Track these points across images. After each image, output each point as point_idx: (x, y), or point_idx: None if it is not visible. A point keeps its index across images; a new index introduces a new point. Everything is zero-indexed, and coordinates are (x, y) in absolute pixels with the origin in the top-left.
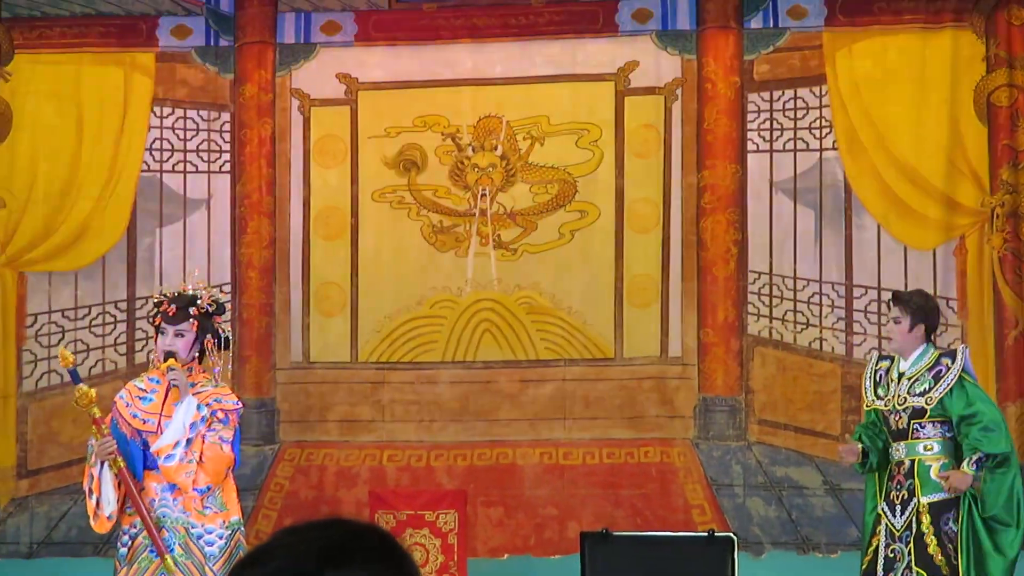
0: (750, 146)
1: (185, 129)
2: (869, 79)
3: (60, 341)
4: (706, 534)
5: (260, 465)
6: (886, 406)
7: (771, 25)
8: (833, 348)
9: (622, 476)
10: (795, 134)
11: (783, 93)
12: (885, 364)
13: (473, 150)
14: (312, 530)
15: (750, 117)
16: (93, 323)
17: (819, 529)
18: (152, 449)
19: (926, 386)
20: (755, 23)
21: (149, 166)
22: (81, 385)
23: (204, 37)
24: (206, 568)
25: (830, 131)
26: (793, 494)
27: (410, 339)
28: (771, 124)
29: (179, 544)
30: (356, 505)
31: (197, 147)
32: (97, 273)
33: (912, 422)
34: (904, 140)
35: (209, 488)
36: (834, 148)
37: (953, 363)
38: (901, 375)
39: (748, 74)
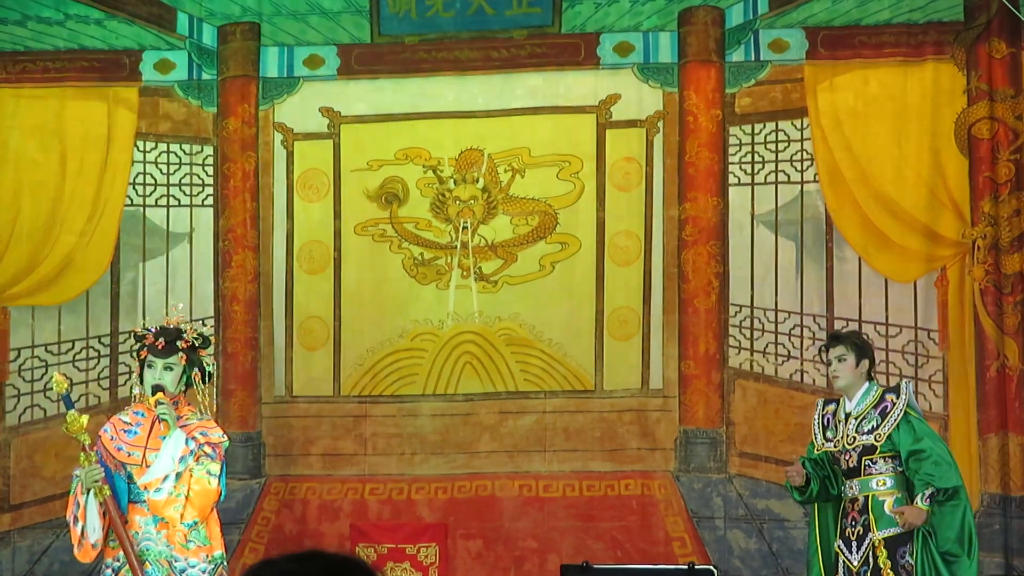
0: (731, 179)
1: (168, 163)
2: (850, 112)
3: (43, 376)
4: (687, 567)
5: (246, 499)
6: (836, 447)
7: (753, 58)
8: (814, 380)
9: (602, 509)
10: (776, 167)
11: (764, 126)
12: (831, 408)
13: (454, 182)
14: (290, 563)
15: (731, 150)
16: (76, 357)
17: (800, 561)
18: (140, 482)
19: (874, 423)
20: (737, 56)
21: (132, 200)
22: (72, 411)
23: (187, 71)
24: None
25: (811, 164)
26: (774, 526)
27: (392, 372)
28: (752, 157)
29: None
30: (338, 538)
31: (180, 181)
32: (80, 307)
33: (863, 459)
34: (885, 172)
35: (195, 522)
36: (815, 181)
37: (898, 399)
38: (848, 415)
39: (730, 107)
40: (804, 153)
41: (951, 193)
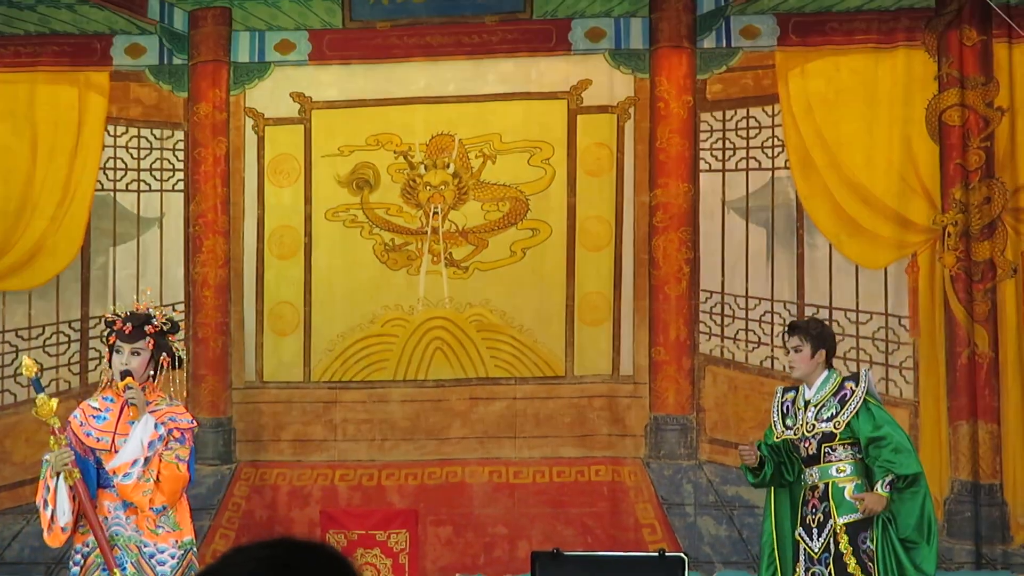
0: (702, 165)
1: (139, 148)
2: (821, 98)
3: (13, 361)
4: (657, 554)
5: (217, 484)
6: (795, 435)
7: (724, 45)
8: (784, 367)
9: (572, 495)
10: (747, 153)
11: (736, 112)
12: (791, 395)
13: (425, 168)
14: (261, 549)
15: (703, 136)
16: (47, 342)
17: None
18: (108, 467)
19: (833, 410)
20: (708, 43)
21: (103, 185)
22: (42, 395)
23: (158, 56)
24: None
25: (782, 150)
26: (744, 513)
27: (362, 358)
28: (723, 143)
29: (131, 563)
30: (308, 524)
31: (151, 166)
32: (51, 292)
33: (823, 446)
34: (856, 159)
35: (165, 507)
36: (786, 167)
37: (857, 386)
38: (807, 403)
39: (701, 93)
40: (775, 140)
41: (922, 180)
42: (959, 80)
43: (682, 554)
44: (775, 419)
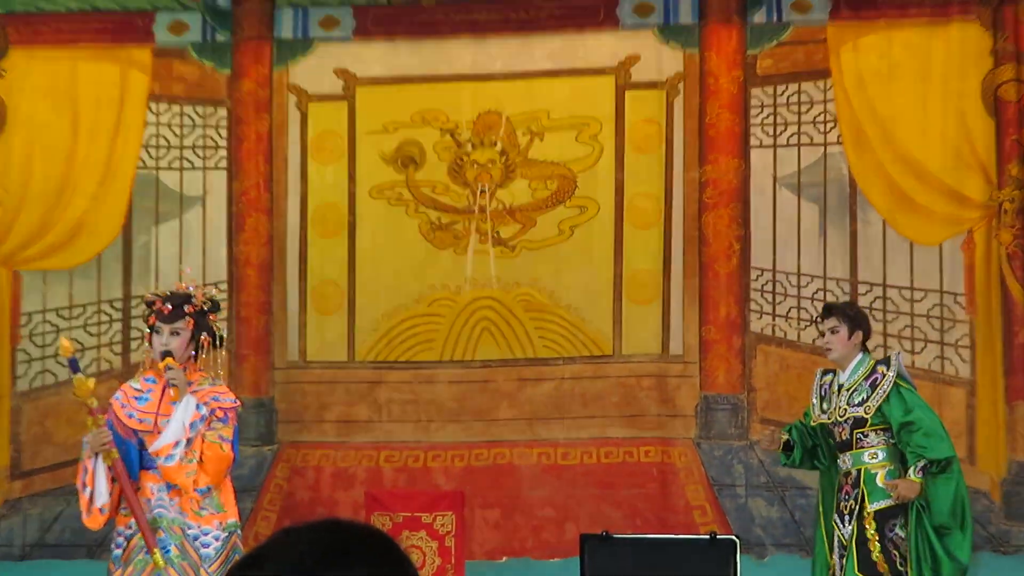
0: (753, 141)
1: (182, 125)
2: (874, 73)
3: (54, 341)
4: (708, 536)
5: (259, 466)
6: (829, 419)
7: (775, 19)
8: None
9: (621, 476)
10: (799, 129)
11: (787, 87)
12: (829, 378)
13: (472, 146)
14: (309, 532)
15: (753, 112)
16: (88, 322)
17: None
18: (151, 449)
19: (864, 395)
20: (758, 17)
21: (145, 163)
22: (79, 375)
23: (201, 33)
24: (201, 570)
25: (834, 125)
26: (796, 494)
27: (408, 338)
28: (775, 119)
29: (175, 545)
30: (352, 507)
31: (193, 144)
32: (92, 271)
33: (855, 432)
34: (910, 134)
35: (209, 489)
36: (839, 143)
37: (888, 370)
38: (840, 387)
39: (751, 68)
40: (827, 115)
41: (978, 155)
42: (1015, 55)
43: (733, 537)
44: (814, 402)
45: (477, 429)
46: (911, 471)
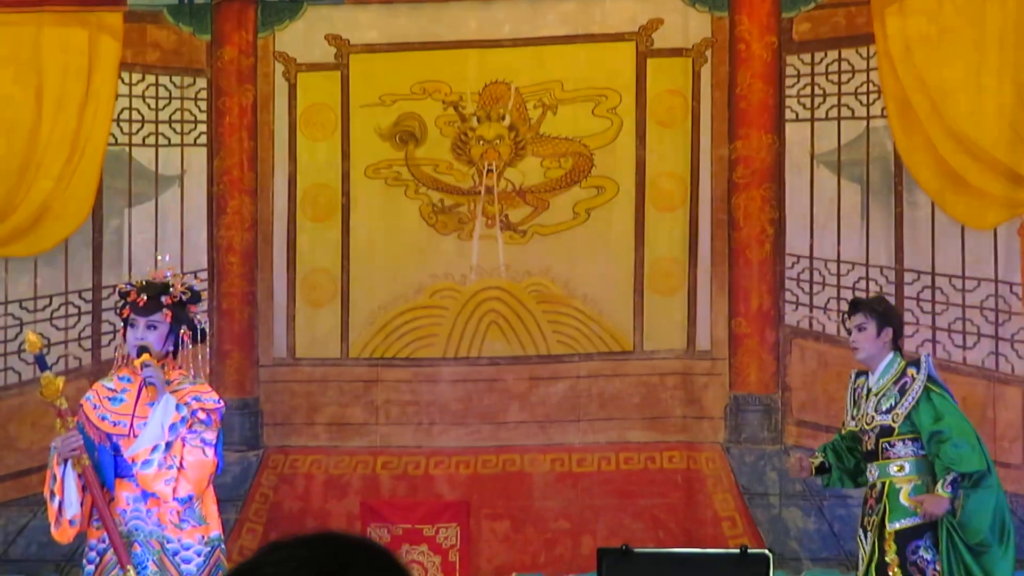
0: (788, 114)
1: (157, 97)
2: (923, 39)
3: (17, 335)
4: (738, 550)
5: (243, 473)
6: (857, 427)
7: None
8: None
9: (642, 485)
10: (839, 101)
11: (826, 55)
12: (862, 380)
13: (478, 120)
14: (302, 546)
15: (788, 82)
16: (55, 315)
17: None
18: (126, 454)
19: (892, 402)
20: None
21: (116, 139)
22: (48, 372)
23: None
24: None
25: (878, 97)
26: (836, 504)
27: (407, 332)
28: (812, 90)
29: (153, 561)
30: (347, 518)
31: (170, 117)
32: (59, 259)
33: (881, 441)
34: (962, 107)
35: (191, 497)
36: (883, 116)
37: (919, 373)
38: (869, 391)
39: (787, 34)
40: (870, 85)
41: None
42: None
43: (766, 550)
44: (848, 407)
45: (484, 433)
46: (939, 485)
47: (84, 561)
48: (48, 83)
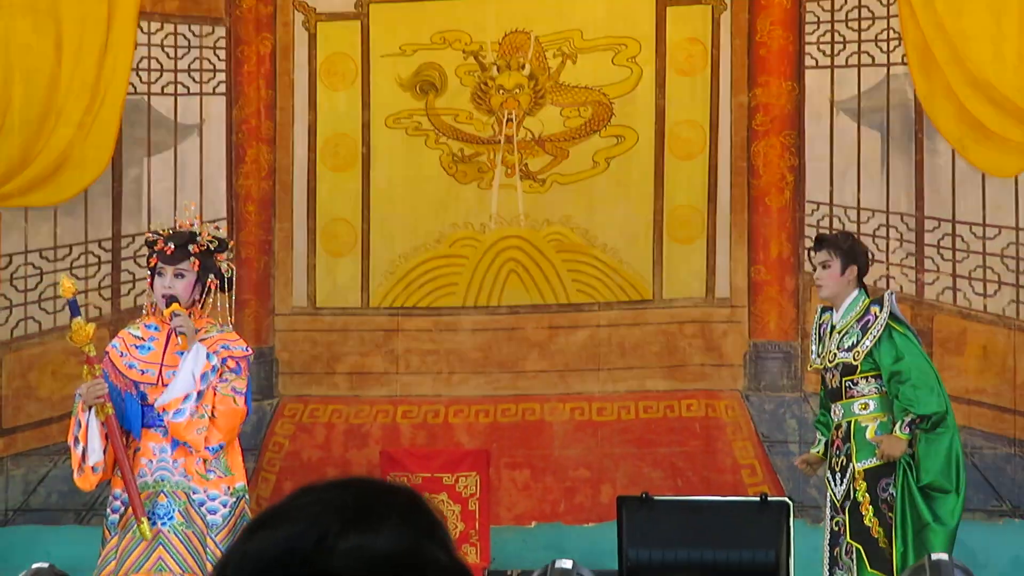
0: (808, 61)
1: (176, 46)
2: None
3: (38, 285)
4: (758, 498)
5: (257, 423)
6: (821, 364)
7: None
8: (902, 287)
9: (662, 433)
10: (859, 47)
11: (846, 2)
12: (827, 317)
13: (498, 69)
14: (333, 489)
15: (808, 28)
16: (75, 264)
17: None
18: (157, 404)
19: (854, 339)
20: None
21: (136, 88)
22: (79, 318)
23: None
24: (207, 539)
25: (899, 44)
26: None
27: (427, 282)
28: (832, 36)
29: (179, 511)
30: (367, 467)
31: (189, 66)
32: (79, 208)
33: (844, 380)
34: (983, 53)
35: (222, 446)
36: (903, 63)
37: (881, 311)
38: (833, 328)
39: None
40: (891, 32)
41: None
42: None
43: (786, 498)
44: (813, 344)
45: (504, 382)
46: (897, 427)
47: (108, 510)
48: (67, 32)
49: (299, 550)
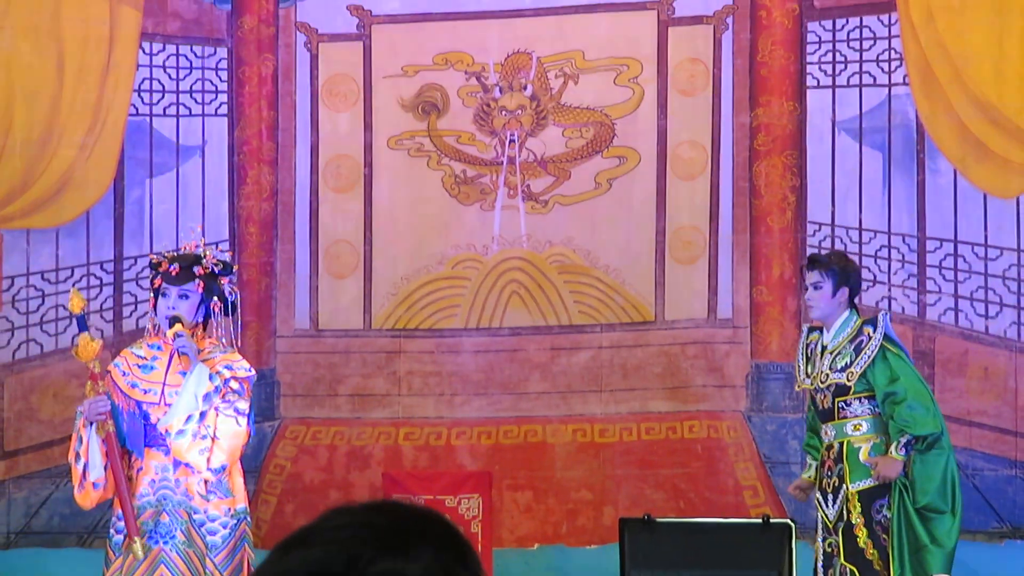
0: (810, 81)
1: (177, 67)
2: (945, 5)
3: (40, 306)
4: (760, 520)
5: (258, 445)
6: (812, 385)
7: None
8: (903, 308)
9: (664, 454)
10: (861, 67)
11: (847, 21)
12: (815, 337)
13: (500, 91)
14: (366, 512)
15: (810, 48)
16: (76, 286)
17: None
18: (159, 425)
19: (847, 360)
20: None
21: (137, 109)
22: (86, 334)
23: None
24: (207, 560)
25: (900, 64)
26: None
27: (429, 303)
28: (833, 56)
29: (180, 531)
30: (369, 489)
31: (191, 87)
32: (81, 230)
33: (837, 400)
34: (985, 74)
35: (224, 467)
36: (905, 83)
37: (875, 332)
38: (824, 349)
39: (808, 0)
40: (892, 52)
41: None
42: None
43: (788, 520)
44: (799, 363)
45: (506, 403)
46: (893, 448)
47: (112, 531)
48: (69, 53)
49: (331, 573)
